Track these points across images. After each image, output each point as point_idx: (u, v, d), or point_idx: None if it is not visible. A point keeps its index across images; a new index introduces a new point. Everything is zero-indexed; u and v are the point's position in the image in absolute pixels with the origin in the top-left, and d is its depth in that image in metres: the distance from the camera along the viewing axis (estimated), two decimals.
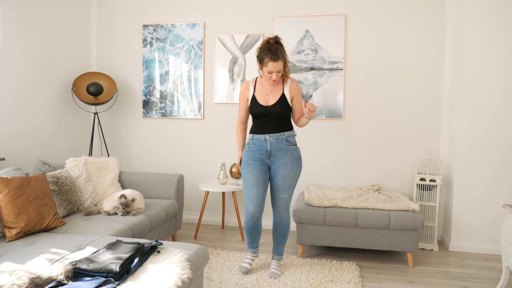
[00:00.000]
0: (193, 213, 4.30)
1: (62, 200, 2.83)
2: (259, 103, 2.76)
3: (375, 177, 3.89)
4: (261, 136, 2.76)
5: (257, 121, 2.81)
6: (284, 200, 2.78)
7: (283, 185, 2.75)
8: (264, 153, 2.76)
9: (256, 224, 2.82)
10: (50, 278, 1.64)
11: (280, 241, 2.91)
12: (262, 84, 2.80)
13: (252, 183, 2.74)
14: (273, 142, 2.75)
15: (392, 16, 3.79)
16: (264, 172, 2.78)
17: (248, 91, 2.83)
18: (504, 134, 3.37)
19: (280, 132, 2.76)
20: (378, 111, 3.86)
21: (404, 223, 3.03)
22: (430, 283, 2.83)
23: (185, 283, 1.84)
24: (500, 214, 3.38)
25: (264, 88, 2.79)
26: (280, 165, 2.75)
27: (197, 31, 4.16)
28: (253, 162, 2.77)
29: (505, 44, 3.32)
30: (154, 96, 4.29)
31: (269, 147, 2.75)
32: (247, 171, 2.78)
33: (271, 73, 2.65)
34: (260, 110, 2.75)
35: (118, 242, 2.07)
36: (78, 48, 4.19)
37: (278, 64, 2.62)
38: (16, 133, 3.39)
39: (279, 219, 2.84)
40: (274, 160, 2.77)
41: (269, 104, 2.75)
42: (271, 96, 2.76)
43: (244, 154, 2.83)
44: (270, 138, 2.75)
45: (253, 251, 2.99)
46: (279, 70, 2.65)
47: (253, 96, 2.78)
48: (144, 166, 4.37)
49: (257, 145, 2.78)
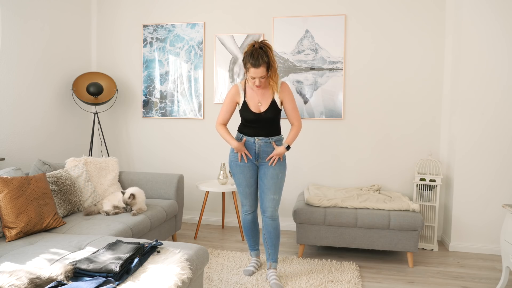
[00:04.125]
0: (193, 213, 4.30)
1: (62, 200, 2.83)
2: (251, 109, 2.72)
3: (375, 177, 3.89)
4: (250, 138, 2.76)
5: (248, 124, 2.78)
6: (275, 201, 2.77)
7: (274, 185, 2.75)
8: (252, 154, 2.77)
9: (254, 219, 2.91)
10: (50, 278, 1.64)
11: (275, 245, 2.82)
12: (252, 89, 2.74)
13: (245, 184, 2.81)
14: (261, 145, 2.74)
15: (392, 16, 3.79)
16: (254, 173, 2.81)
17: (238, 96, 2.76)
18: (504, 134, 3.37)
19: (269, 137, 2.75)
20: (378, 111, 3.86)
21: (404, 223, 3.03)
22: (430, 283, 2.83)
23: (185, 283, 1.84)
24: (500, 214, 3.38)
25: (255, 93, 2.74)
26: (269, 166, 2.75)
27: (197, 31, 4.16)
28: (242, 164, 2.78)
29: (505, 45, 3.32)
30: (154, 96, 4.29)
31: (257, 149, 2.75)
32: (238, 172, 2.81)
33: (254, 78, 2.60)
34: (252, 117, 2.72)
35: (118, 242, 2.07)
36: (78, 48, 4.19)
37: (260, 71, 2.54)
38: (16, 133, 3.39)
39: (271, 222, 2.77)
40: (262, 161, 2.77)
41: (261, 111, 2.72)
42: (262, 102, 2.72)
43: (232, 154, 2.82)
44: (259, 141, 2.74)
45: (256, 253, 3.00)
46: (261, 76, 2.57)
47: (244, 101, 2.74)
48: (144, 166, 4.37)
49: (246, 146, 2.77)
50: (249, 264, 2.96)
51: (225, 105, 2.81)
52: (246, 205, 2.87)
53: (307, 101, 3.96)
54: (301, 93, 3.97)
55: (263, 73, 2.56)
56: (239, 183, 2.83)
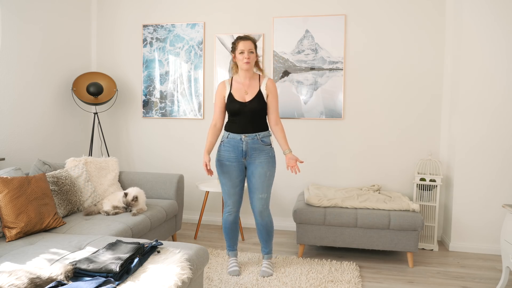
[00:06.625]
0: (193, 213, 4.30)
1: (62, 200, 2.83)
2: (236, 99, 2.76)
3: (375, 177, 3.89)
4: (236, 136, 2.76)
5: (233, 118, 2.79)
6: (263, 200, 2.78)
7: (261, 184, 2.75)
8: (239, 153, 2.76)
9: (235, 219, 2.90)
10: (50, 278, 1.64)
11: (266, 240, 2.90)
12: (238, 81, 2.82)
13: (230, 184, 2.80)
14: (248, 142, 2.75)
15: (392, 16, 3.79)
16: (241, 172, 2.81)
17: (224, 90, 2.82)
18: (504, 134, 3.37)
19: (256, 132, 2.76)
20: (378, 111, 3.86)
21: (404, 223, 3.03)
22: (430, 283, 2.83)
23: (185, 283, 1.84)
24: (500, 214, 3.38)
25: (241, 85, 2.80)
26: (257, 164, 2.76)
27: (197, 31, 4.16)
28: (228, 163, 2.78)
29: (505, 44, 3.32)
30: (154, 96, 4.29)
31: (244, 147, 2.75)
32: (223, 172, 2.80)
33: (243, 53, 2.71)
34: (237, 107, 2.74)
35: (118, 242, 2.07)
36: (78, 48, 4.19)
37: (248, 43, 2.71)
38: (16, 133, 3.40)
39: (261, 220, 2.81)
40: (249, 160, 2.78)
41: (246, 100, 2.76)
42: (249, 92, 2.79)
43: (219, 153, 2.82)
44: (246, 138, 2.75)
45: (234, 253, 3.00)
46: (250, 49, 2.71)
47: (230, 93, 2.79)
48: (144, 166, 4.37)
49: (232, 144, 2.77)
50: (231, 265, 2.91)
51: (216, 103, 2.87)
52: (229, 205, 2.86)
53: (307, 101, 3.96)
54: (301, 93, 3.97)
55: (251, 46, 2.73)
56: (224, 183, 2.82)
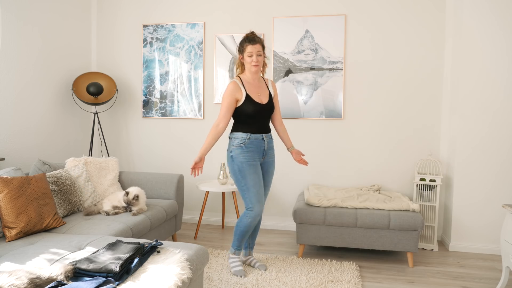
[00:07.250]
0: (193, 213, 4.30)
1: (62, 200, 2.83)
2: (255, 100, 2.75)
3: (375, 177, 3.89)
4: (258, 136, 2.77)
5: (251, 120, 2.76)
6: (266, 196, 2.94)
7: (271, 181, 2.95)
8: (261, 152, 2.80)
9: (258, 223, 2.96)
10: (50, 278, 1.64)
11: (256, 236, 3.03)
12: (249, 82, 2.79)
13: (259, 184, 2.76)
14: (268, 142, 2.84)
15: (392, 16, 3.79)
16: (261, 172, 2.85)
17: (239, 91, 2.72)
18: (504, 134, 3.37)
19: (270, 132, 2.89)
20: (378, 111, 3.86)
21: (404, 223, 3.03)
22: (430, 283, 2.83)
23: (185, 283, 1.84)
24: (500, 214, 3.38)
25: (252, 86, 2.79)
26: (270, 162, 2.89)
27: (197, 31, 4.16)
28: (255, 164, 2.78)
29: (505, 44, 3.32)
30: (154, 96, 4.29)
31: (266, 147, 2.81)
32: (252, 172, 2.73)
33: (252, 56, 2.70)
34: (258, 108, 2.74)
35: (118, 242, 2.07)
36: (78, 48, 4.19)
37: (257, 47, 2.70)
38: (16, 133, 3.40)
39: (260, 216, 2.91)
40: (266, 159, 2.85)
41: (263, 102, 2.79)
42: (261, 93, 2.81)
43: (242, 155, 2.72)
44: (266, 138, 2.82)
45: (245, 252, 3.02)
46: (258, 52, 2.71)
47: (247, 94, 2.73)
48: (144, 166, 4.37)
49: (255, 144, 2.76)
50: (235, 264, 2.87)
51: (227, 104, 2.72)
52: (257, 208, 2.73)
53: (307, 101, 3.96)
54: (301, 93, 3.97)
55: (259, 49, 2.71)
56: (253, 184, 2.71)
